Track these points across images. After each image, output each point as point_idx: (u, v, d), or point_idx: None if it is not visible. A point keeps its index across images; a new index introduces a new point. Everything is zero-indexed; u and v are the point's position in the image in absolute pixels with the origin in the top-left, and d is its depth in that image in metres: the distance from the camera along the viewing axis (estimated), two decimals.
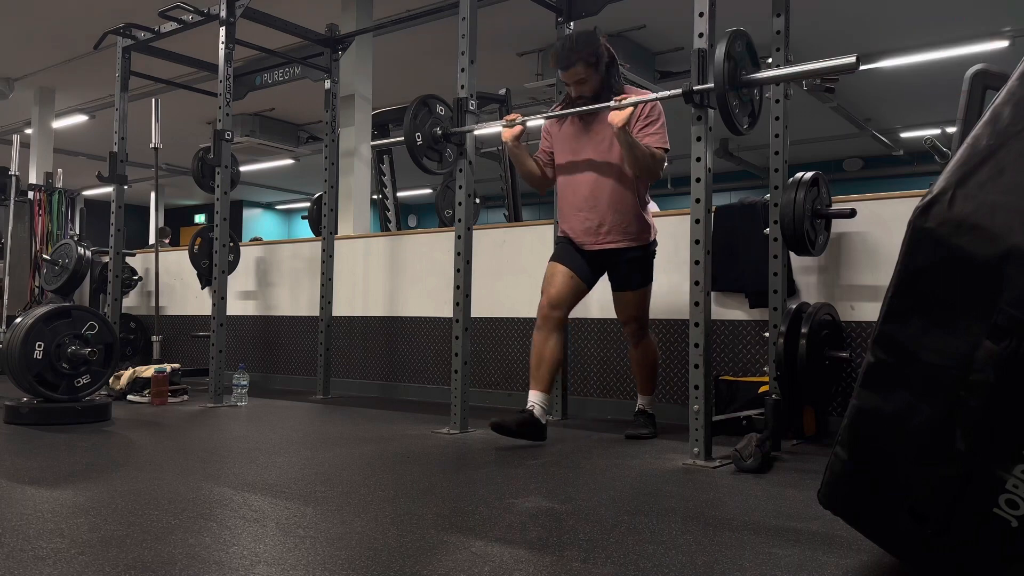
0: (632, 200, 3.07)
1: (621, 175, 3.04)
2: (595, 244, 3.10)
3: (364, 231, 5.92)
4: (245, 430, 3.44)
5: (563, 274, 3.09)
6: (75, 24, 7.21)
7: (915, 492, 1.33)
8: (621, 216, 3.05)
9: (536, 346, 3.07)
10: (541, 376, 3.02)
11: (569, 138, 3.15)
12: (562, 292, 3.07)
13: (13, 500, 2.07)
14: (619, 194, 3.05)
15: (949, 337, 1.27)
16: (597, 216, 3.06)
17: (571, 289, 3.08)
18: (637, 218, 3.10)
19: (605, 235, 3.08)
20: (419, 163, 3.59)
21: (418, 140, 3.53)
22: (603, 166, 3.06)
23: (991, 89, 1.65)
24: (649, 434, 3.24)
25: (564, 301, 3.07)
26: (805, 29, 6.53)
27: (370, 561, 1.58)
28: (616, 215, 3.05)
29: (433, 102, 3.60)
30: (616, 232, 3.07)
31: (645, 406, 3.34)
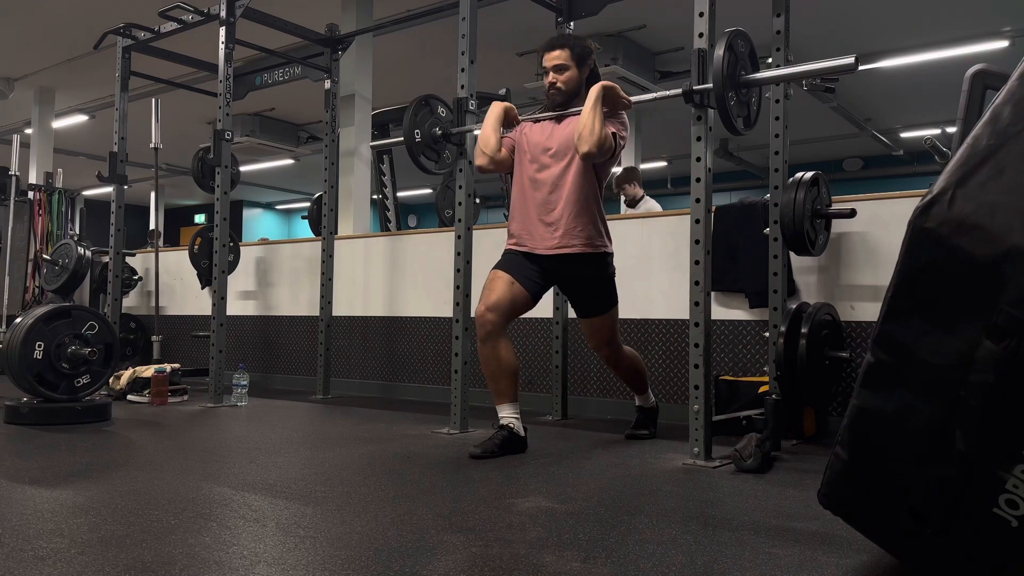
0: (592, 208, 2.93)
1: (583, 182, 2.90)
2: (549, 249, 2.92)
3: (364, 231, 5.92)
4: (245, 430, 3.44)
5: (504, 280, 2.91)
6: (75, 24, 7.21)
7: (915, 492, 1.33)
8: (578, 221, 2.90)
9: (486, 362, 2.88)
10: (504, 389, 2.88)
11: (535, 141, 3.01)
12: (500, 296, 2.88)
13: (13, 500, 2.07)
14: (579, 200, 2.90)
15: (949, 337, 1.27)
16: (554, 221, 2.92)
17: (511, 295, 2.89)
18: (594, 225, 2.94)
19: (560, 238, 2.91)
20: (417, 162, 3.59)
21: (417, 138, 3.52)
22: (566, 170, 2.92)
23: (991, 89, 1.65)
24: (649, 434, 3.22)
25: (502, 305, 2.87)
26: (805, 29, 6.53)
27: (370, 561, 1.58)
28: (573, 220, 2.90)
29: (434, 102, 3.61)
30: (571, 236, 2.90)
31: (643, 402, 3.31)
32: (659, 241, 3.90)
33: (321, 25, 4.96)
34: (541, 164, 2.97)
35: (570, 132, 2.92)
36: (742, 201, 3.73)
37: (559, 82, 2.97)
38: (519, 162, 3.05)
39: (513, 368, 2.90)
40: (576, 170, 2.91)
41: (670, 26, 6.86)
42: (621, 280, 4.01)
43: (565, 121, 2.98)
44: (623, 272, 4.00)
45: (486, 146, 3.03)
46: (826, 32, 7.13)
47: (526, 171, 3.01)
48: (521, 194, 3.02)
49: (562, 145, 2.94)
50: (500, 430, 2.84)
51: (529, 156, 3.01)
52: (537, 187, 2.96)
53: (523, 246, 2.99)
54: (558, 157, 2.94)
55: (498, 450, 2.78)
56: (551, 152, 2.96)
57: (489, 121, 3.05)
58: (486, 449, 2.76)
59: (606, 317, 3.04)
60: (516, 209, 3.04)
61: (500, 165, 3.06)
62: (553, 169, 2.95)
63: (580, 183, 2.90)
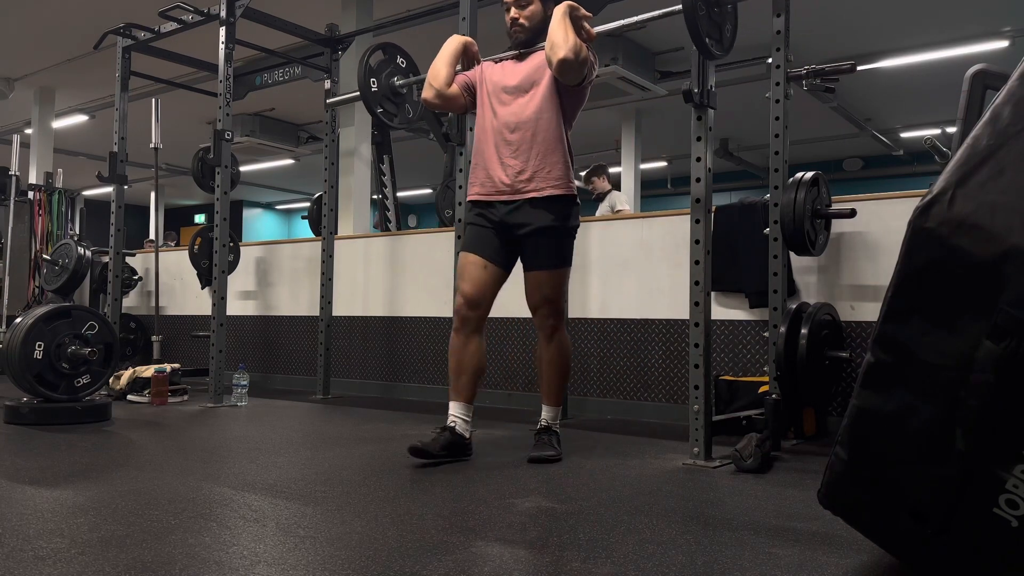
0: (561, 146, 2.72)
1: (550, 121, 2.70)
2: (517, 195, 2.70)
3: (364, 231, 5.92)
4: (245, 430, 3.44)
5: (477, 266, 2.73)
6: (75, 24, 7.20)
7: (915, 492, 1.33)
8: (546, 161, 2.69)
9: (454, 351, 2.73)
10: (462, 386, 2.71)
11: (495, 80, 2.80)
12: (479, 287, 2.71)
13: (13, 500, 2.07)
14: (548, 138, 2.70)
15: (949, 337, 1.27)
16: (520, 163, 2.70)
17: (487, 281, 2.73)
18: (565, 165, 2.72)
19: (527, 183, 2.69)
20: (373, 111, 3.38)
21: (373, 87, 3.31)
22: (528, 104, 2.72)
23: (991, 89, 1.65)
24: (555, 456, 2.73)
25: (483, 297, 2.72)
26: (805, 29, 6.53)
27: (370, 561, 1.58)
28: (541, 161, 2.69)
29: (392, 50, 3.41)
30: (540, 179, 2.68)
31: (550, 421, 2.84)
32: (659, 241, 3.90)
33: (321, 25, 4.96)
34: (502, 101, 2.76)
35: (534, 65, 2.74)
36: (742, 201, 3.73)
37: (521, 17, 2.78)
38: (480, 103, 2.83)
39: (479, 367, 2.74)
40: (542, 103, 2.70)
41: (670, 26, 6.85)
42: (621, 280, 4.03)
43: (528, 58, 2.79)
44: (623, 272, 4.01)
45: (435, 79, 2.80)
46: (826, 32, 7.13)
47: (486, 111, 2.79)
48: (482, 135, 2.80)
49: (525, 79, 2.75)
50: (443, 431, 2.65)
51: (489, 95, 2.79)
52: (498, 126, 2.75)
53: (482, 194, 2.77)
54: (521, 91, 2.74)
55: (436, 451, 2.59)
56: (514, 87, 2.76)
57: (444, 53, 2.84)
58: (425, 446, 2.58)
59: (555, 273, 2.76)
60: (476, 152, 2.82)
61: (449, 101, 2.83)
62: (515, 106, 2.74)
63: (548, 118, 2.70)
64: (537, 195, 2.70)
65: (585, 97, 2.82)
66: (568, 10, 2.62)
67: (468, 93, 2.87)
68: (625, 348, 3.97)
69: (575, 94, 2.76)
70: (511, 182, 2.71)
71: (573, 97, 2.77)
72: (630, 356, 3.95)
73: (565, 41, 2.56)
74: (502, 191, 2.73)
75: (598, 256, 4.09)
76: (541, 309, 2.78)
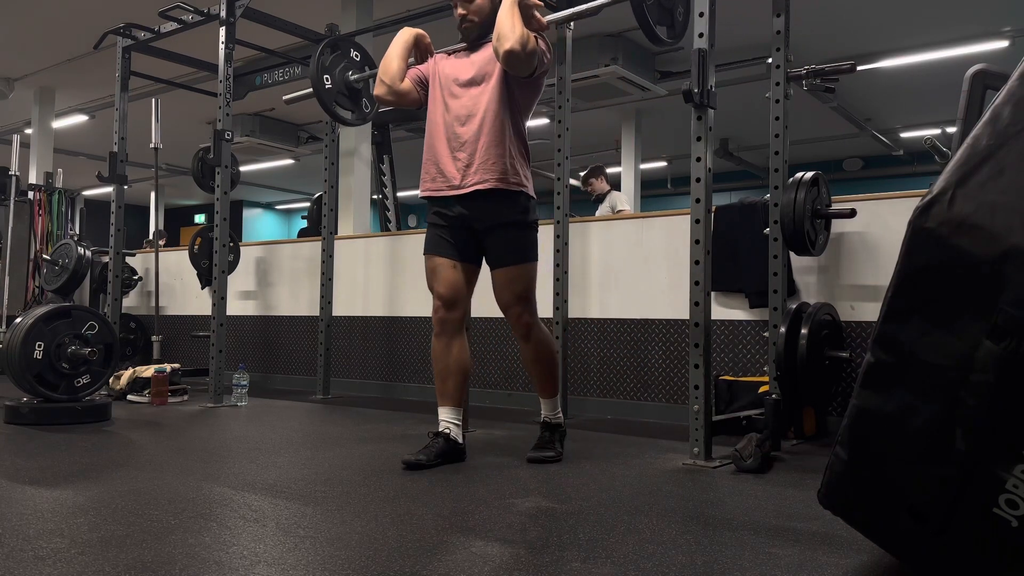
0: (508, 140, 2.66)
1: (497, 113, 2.64)
2: (462, 188, 2.66)
3: (364, 231, 5.92)
4: (245, 430, 3.44)
5: (446, 267, 2.70)
6: (75, 24, 7.20)
7: (915, 492, 1.33)
8: (490, 154, 2.63)
9: (438, 357, 2.70)
10: (450, 390, 2.69)
11: (447, 73, 2.76)
12: (453, 287, 2.69)
13: (13, 500, 2.07)
14: (494, 131, 2.64)
15: (949, 337, 1.27)
16: (467, 155, 2.65)
17: (460, 280, 2.70)
18: (509, 159, 2.66)
19: (472, 175, 2.64)
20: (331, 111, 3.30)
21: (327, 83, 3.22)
22: (479, 98, 2.68)
23: (991, 89, 1.65)
24: (555, 457, 2.72)
25: (459, 296, 2.69)
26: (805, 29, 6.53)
27: (370, 561, 1.58)
28: (485, 152, 2.63)
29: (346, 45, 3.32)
30: (483, 171, 2.63)
31: (549, 414, 2.83)
32: (659, 241, 3.90)
33: (321, 25, 4.96)
34: (454, 95, 2.72)
35: (486, 57, 2.69)
36: (742, 201, 3.73)
37: (470, 13, 2.72)
38: (432, 96, 2.79)
39: (465, 370, 2.72)
40: (491, 96, 2.66)
41: None
42: (621, 279, 4.03)
43: (481, 49, 2.73)
44: (623, 272, 4.01)
45: (385, 73, 2.76)
46: (826, 32, 7.13)
47: (438, 104, 2.75)
48: (433, 128, 2.75)
49: (478, 71, 2.70)
50: (436, 437, 2.65)
51: (441, 88, 2.75)
52: (448, 120, 2.71)
53: (433, 188, 2.74)
54: (473, 84, 2.70)
55: (435, 459, 2.58)
56: (465, 80, 2.71)
57: (395, 47, 2.78)
58: (420, 460, 2.56)
59: (520, 268, 2.70)
60: (428, 147, 2.77)
61: (401, 97, 2.78)
62: (465, 99, 2.70)
63: (496, 111, 2.65)
64: (481, 187, 2.64)
65: (539, 88, 2.76)
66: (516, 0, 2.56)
67: (421, 87, 2.81)
68: (625, 348, 3.97)
69: (528, 86, 2.70)
70: (459, 175, 2.67)
71: (525, 89, 2.71)
72: (630, 356, 3.95)
73: (512, 31, 2.49)
74: (452, 186, 2.69)
75: (598, 256, 4.09)
76: (512, 308, 2.72)
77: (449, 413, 2.70)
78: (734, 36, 6.49)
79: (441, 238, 2.73)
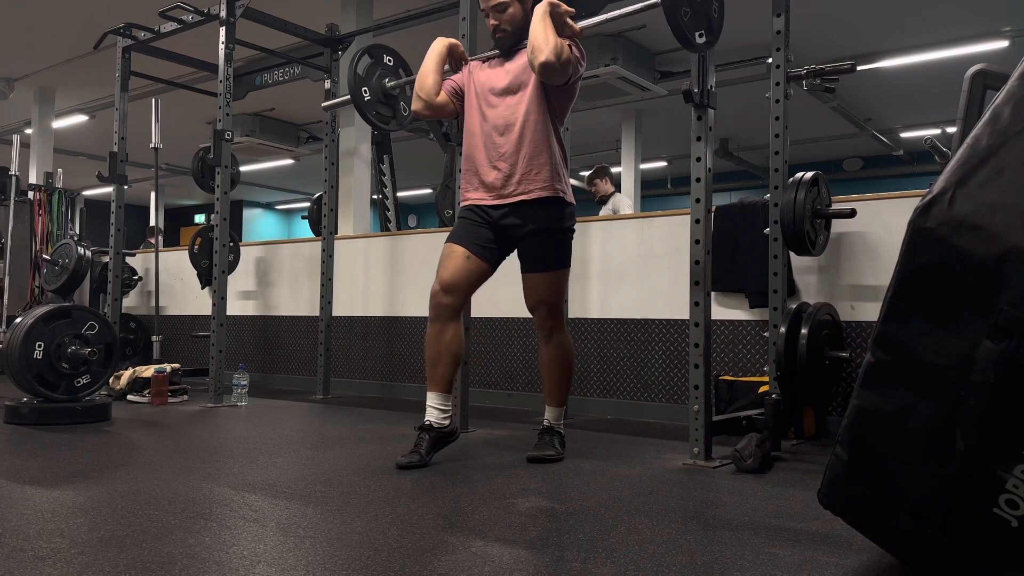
0: (549, 148, 2.67)
1: (537, 123, 2.65)
2: (506, 198, 2.67)
3: (364, 231, 5.92)
4: (245, 430, 3.44)
5: (458, 255, 2.69)
6: (75, 24, 7.20)
7: (915, 492, 1.33)
8: (533, 164, 2.65)
9: (431, 342, 2.66)
10: (439, 375, 2.65)
11: (483, 82, 2.76)
12: (457, 275, 2.67)
13: (13, 500, 2.07)
14: (535, 140, 2.65)
15: (949, 337, 1.27)
16: (508, 165, 2.66)
17: (468, 271, 2.68)
18: (553, 167, 2.67)
19: (516, 185, 2.65)
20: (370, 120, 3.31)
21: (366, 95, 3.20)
22: (517, 107, 2.68)
23: (991, 89, 1.65)
24: (555, 456, 2.73)
25: (459, 285, 2.67)
26: (805, 29, 6.53)
27: (370, 561, 1.58)
28: (528, 161, 2.65)
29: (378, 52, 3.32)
30: (527, 182, 2.64)
31: (553, 422, 2.84)
32: (659, 241, 3.90)
33: (321, 25, 4.96)
34: (490, 104, 2.72)
35: (521, 65, 2.69)
36: (742, 201, 3.73)
37: (502, 23, 2.72)
38: (468, 106, 2.79)
39: (457, 356, 2.69)
40: (529, 105, 2.66)
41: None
42: (622, 280, 4.03)
43: (516, 56, 2.74)
44: (624, 272, 4.01)
45: (422, 88, 2.76)
46: (826, 32, 7.13)
47: (475, 114, 2.76)
48: (471, 139, 2.76)
49: (513, 79, 2.70)
50: (422, 432, 2.64)
51: (478, 97, 2.76)
52: (487, 129, 2.71)
53: (475, 198, 2.74)
54: (509, 93, 2.70)
55: (427, 455, 2.59)
56: (501, 89, 2.71)
57: (429, 60, 2.78)
58: (413, 460, 2.55)
59: (555, 275, 2.73)
60: (466, 157, 2.78)
61: (438, 110, 2.80)
62: (502, 108, 2.70)
63: (535, 120, 2.66)
64: (526, 198, 2.66)
65: (575, 94, 2.77)
66: (549, 8, 2.56)
67: (457, 98, 2.83)
68: (625, 348, 3.97)
69: (564, 92, 2.71)
70: (500, 186, 2.69)
71: (562, 95, 2.72)
72: (630, 356, 3.95)
73: (546, 43, 2.49)
74: (494, 195, 2.71)
75: (598, 256, 4.09)
76: (539, 310, 2.76)
77: (436, 399, 2.67)
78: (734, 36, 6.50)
79: (468, 231, 2.73)
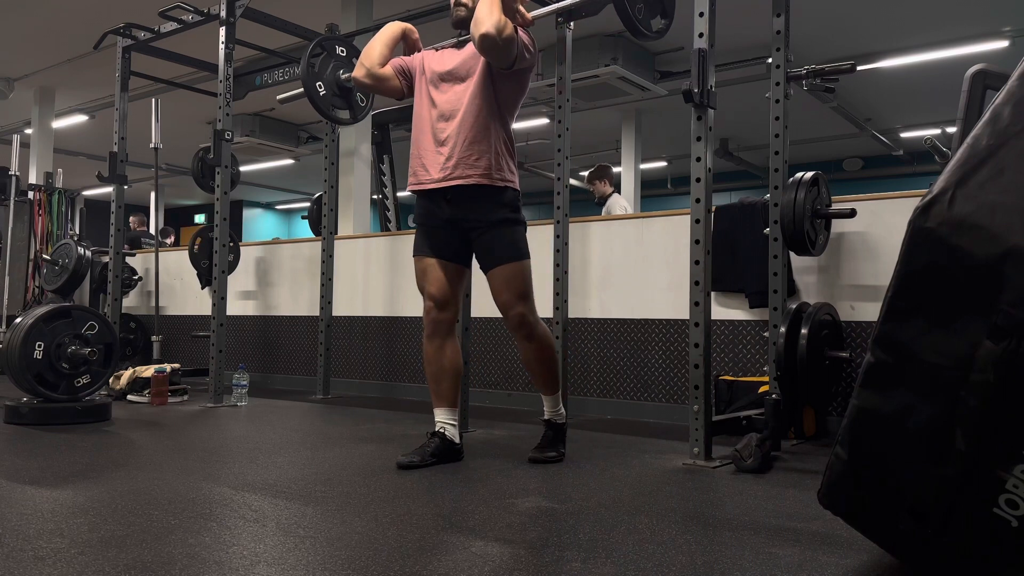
0: (491, 135, 2.64)
1: (479, 108, 2.64)
2: (441, 181, 2.64)
3: (364, 231, 5.92)
4: (245, 430, 3.44)
5: (435, 266, 2.69)
6: (75, 24, 7.20)
7: (915, 492, 1.33)
8: (473, 149, 2.62)
9: (430, 360, 2.70)
10: (444, 391, 2.68)
11: (434, 68, 2.76)
12: (443, 287, 2.68)
13: (13, 500, 2.07)
14: (476, 125, 2.63)
15: (949, 337, 1.27)
16: (448, 148, 2.64)
17: (450, 281, 2.70)
18: (493, 154, 2.64)
19: (453, 169, 2.63)
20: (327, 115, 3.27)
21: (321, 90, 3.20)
22: (462, 94, 2.67)
23: (991, 89, 1.65)
24: (557, 457, 2.74)
25: (450, 297, 2.69)
26: (805, 29, 6.53)
27: (370, 561, 1.58)
28: (467, 147, 2.62)
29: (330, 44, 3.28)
30: (465, 166, 2.62)
31: (551, 412, 2.83)
32: (659, 241, 3.90)
33: (321, 25, 4.96)
34: (439, 89, 2.72)
35: (469, 53, 2.69)
36: (742, 201, 3.73)
37: (461, 12, 2.72)
38: (418, 91, 2.79)
39: (457, 370, 2.71)
40: (474, 92, 2.65)
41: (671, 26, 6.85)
42: (621, 279, 4.03)
43: (467, 45, 2.74)
44: (623, 272, 4.01)
45: (367, 57, 2.77)
46: (826, 32, 7.13)
47: (423, 99, 2.76)
48: (418, 122, 2.76)
49: (461, 65, 2.70)
50: (433, 437, 2.65)
51: (427, 83, 2.76)
52: (433, 115, 2.71)
53: (418, 182, 2.72)
54: (456, 79, 2.70)
55: (430, 459, 2.59)
56: (448, 72, 2.72)
57: (380, 35, 2.80)
58: (415, 461, 2.56)
59: (515, 267, 2.66)
60: (414, 141, 2.76)
61: (380, 82, 2.80)
62: (449, 93, 2.70)
63: (478, 106, 2.64)
64: (463, 183, 2.63)
65: (524, 85, 2.74)
66: None
67: (403, 77, 2.81)
68: (625, 348, 3.97)
69: (511, 82, 2.69)
70: (440, 168, 2.66)
71: (509, 85, 2.69)
72: (630, 356, 3.95)
73: (489, 16, 2.47)
74: (434, 179, 2.67)
75: (598, 256, 4.09)
76: (513, 308, 2.67)
77: (445, 414, 2.69)
78: (734, 36, 6.50)
79: (430, 238, 2.73)
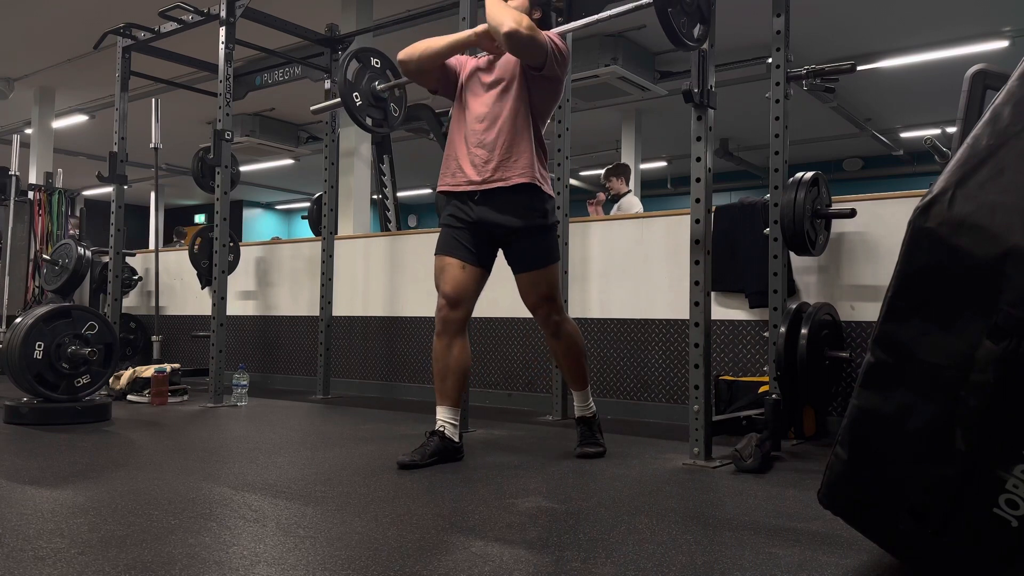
0: (529, 140, 2.69)
1: (516, 112, 2.68)
2: (481, 184, 2.68)
3: (364, 231, 5.92)
4: (245, 430, 3.44)
5: (454, 266, 2.71)
6: (75, 24, 7.20)
7: (915, 492, 1.33)
8: (513, 151, 2.66)
9: (438, 357, 2.71)
10: (448, 390, 2.69)
11: (474, 79, 2.80)
12: (459, 287, 2.69)
13: (13, 500, 2.07)
14: (515, 129, 2.67)
15: (949, 337, 1.27)
16: (487, 152, 2.68)
17: (468, 281, 2.71)
18: (532, 156, 2.69)
19: (493, 171, 2.67)
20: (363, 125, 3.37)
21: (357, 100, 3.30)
22: (500, 104, 2.70)
23: (991, 89, 1.65)
24: (602, 451, 2.83)
25: (464, 296, 2.71)
26: (805, 29, 6.53)
27: (370, 561, 1.58)
28: (507, 149, 2.66)
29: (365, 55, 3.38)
30: (505, 168, 2.66)
31: (582, 408, 2.90)
32: (659, 241, 3.90)
33: (321, 25, 4.96)
34: (475, 94, 2.77)
35: (507, 62, 2.73)
36: (742, 201, 3.73)
37: None
38: (457, 95, 2.83)
39: (464, 369, 2.73)
40: (512, 100, 2.69)
41: None
42: (622, 280, 4.03)
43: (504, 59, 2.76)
44: (623, 272, 4.01)
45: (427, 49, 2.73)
46: (826, 32, 7.13)
47: (465, 104, 2.79)
48: (455, 126, 2.80)
49: (498, 74, 2.73)
50: (432, 436, 2.66)
51: (465, 88, 2.80)
52: (470, 118, 2.74)
53: (453, 185, 2.75)
54: (494, 87, 2.73)
55: (431, 458, 2.59)
56: (488, 82, 2.75)
57: (452, 37, 2.77)
58: (415, 460, 2.57)
59: (545, 271, 2.74)
60: (449, 143, 2.81)
61: (423, 74, 2.78)
62: (485, 98, 2.73)
63: (513, 108, 2.68)
64: (503, 184, 2.66)
65: (558, 92, 2.78)
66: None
67: (444, 76, 2.83)
68: (625, 348, 3.97)
69: (545, 87, 2.72)
70: (478, 172, 2.69)
71: (544, 91, 2.73)
72: (630, 356, 3.95)
73: (502, 14, 2.50)
74: (471, 181, 2.70)
75: (598, 256, 4.09)
76: (540, 308, 2.78)
77: (446, 412, 2.70)
78: (734, 36, 6.50)
79: (455, 239, 2.74)
